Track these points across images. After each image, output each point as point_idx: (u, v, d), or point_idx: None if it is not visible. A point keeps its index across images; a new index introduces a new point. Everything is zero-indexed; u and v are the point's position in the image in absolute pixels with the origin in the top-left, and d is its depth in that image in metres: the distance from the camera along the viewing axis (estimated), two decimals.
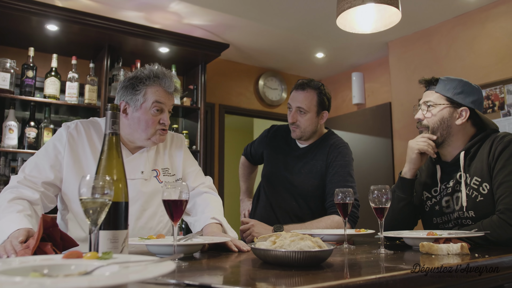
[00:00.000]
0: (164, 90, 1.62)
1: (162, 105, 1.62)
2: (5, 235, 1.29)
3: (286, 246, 1.07)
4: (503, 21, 3.30)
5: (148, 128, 1.61)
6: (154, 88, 1.60)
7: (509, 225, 1.49)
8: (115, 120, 1.03)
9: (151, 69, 1.64)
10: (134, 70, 1.71)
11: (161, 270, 0.62)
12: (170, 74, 1.65)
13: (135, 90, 1.60)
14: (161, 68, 1.67)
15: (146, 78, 1.61)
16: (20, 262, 0.75)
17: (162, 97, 1.61)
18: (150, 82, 1.60)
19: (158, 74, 1.62)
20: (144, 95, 1.59)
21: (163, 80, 1.62)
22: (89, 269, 0.70)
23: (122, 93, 1.64)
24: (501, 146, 1.63)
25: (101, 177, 0.91)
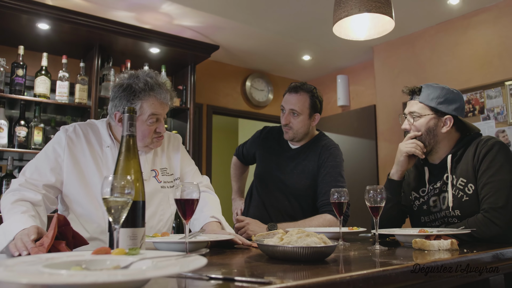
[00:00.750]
0: (159, 101, 1.62)
1: (158, 115, 1.63)
2: (11, 235, 1.32)
3: (293, 242, 1.13)
4: (484, 29, 3.46)
5: (145, 138, 1.64)
6: (149, 101, 1.59)
7: (493, 223, 1.59)
8: (132, 122, 1.07)
9: (146, 80, 1.61)
10: (127, 75, 1.67)
11: (196, 264, 0.67)
12: (164, 85, 1.64)
13: (130, 103, 1.59)
14: (155, 77, 1.64)
15: (141, 91, 1.59)
16: (53, 259, 0.79)
17: (158, 109, 1.61)
18: (144, 95, 1.59)
19: (153, 86, 1.60)
20: (140, 108, 1.59)
21: (158, 92, 1.61)
22: (124, 264, 0.75)
23: (116, 103, 1.62)
24: (485, 149, 1.74)
25: (123, 177, 0.96)
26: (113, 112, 1.65)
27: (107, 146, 1.69)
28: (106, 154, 1.68)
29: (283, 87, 5.49)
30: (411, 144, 1.87)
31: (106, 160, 1.68)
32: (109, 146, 1.69)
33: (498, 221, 1.59)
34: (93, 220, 1.62)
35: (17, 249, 1.22)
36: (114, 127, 1.72)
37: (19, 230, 1.32)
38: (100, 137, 1.72)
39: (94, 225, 1.62)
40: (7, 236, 1.34)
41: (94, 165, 1.66)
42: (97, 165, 1.66)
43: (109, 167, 1.67)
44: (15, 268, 0.66)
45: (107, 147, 1.69)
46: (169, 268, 0.64)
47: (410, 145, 1.87)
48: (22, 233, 1.29)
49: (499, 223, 1.59)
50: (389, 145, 4.11)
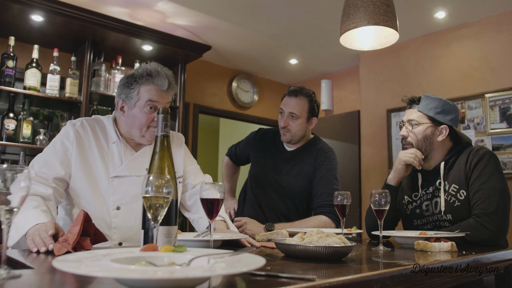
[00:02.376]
0: (157, 88, 1.63)
1: (156, 103, 1.63)
2: (24, 230, 1.32)
3: (314, 242, 1.20)
4: (466, 43, 3.64)
5: (142, 125, 1.65)
6: (147, 86, 1.62)
7: (484, 228, 1.71)
8: (166, 123, 1.11)
9: (146, 67, 1.65)
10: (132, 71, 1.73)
11: (258, 263, 0.71)
12: (164, 72, 1.66)
13: (129, 89, 1.64)
14: (155, 65, 1.67)
15: (139, 76, 1.63)
16: (110, 255, 0.82)
17: (155, 96, 1.62)
18: (143, 81, 1.62)
19: (151, 72, 1.63)
20: (137, 94, 1.62)
21: (156, 78, 1.63)
22: (182, 261, 0.79)
23: (119, 91, 1.68)
24: (476, 158, 1.87)
25: (163, 176, 0.99)
26: (116, 101, 1.70)
27: (113, 142, 1.71)
28: (112, 150, 1.70)
29: (267, 89, 5.57)
30: (411, 154, 1.97)
31: (112, 156, 1.69)
32: (115, 142, 1.71)
33: (489, 226, 1.71)
34: (98, 215, 1.63)
35: (35, 244, 1.22)
36: (119, 122, 1.74)
37: (32, 225, 1.32)
38: (106, 133, 1.73)
39: (98, 220, 1.62)
40: (19, 231, 1.33)
41: (100, 161, 1.67)
42: (103, 161, 1.68)
43: (115, 163, 1.69)
44: (88, 263, 0.69)
45: (113, 143, 1.71)
46: (237, 267, 0.68)
47: (409, 155, 1.97)
48: (39, 228, 1.28)
49: (490, 227, 1.71)
50: (372, 150, 4.25)
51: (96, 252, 0.83)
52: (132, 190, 1.69)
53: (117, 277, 0.57)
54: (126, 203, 1.67)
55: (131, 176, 1.69)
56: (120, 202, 1.67)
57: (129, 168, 1.70)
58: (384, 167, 4.11)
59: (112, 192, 1.66)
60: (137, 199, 1.70)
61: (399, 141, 4.01)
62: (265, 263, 0.74)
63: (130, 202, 1.68)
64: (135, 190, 1.69)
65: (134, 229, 1.69)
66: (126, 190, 1.68)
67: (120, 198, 1.67)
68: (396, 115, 4.04)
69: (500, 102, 3.32)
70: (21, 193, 0.86)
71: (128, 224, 1.67)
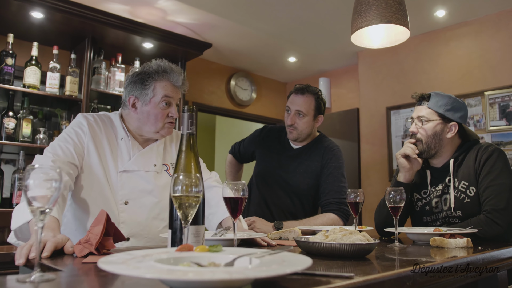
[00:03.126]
0: (172, 84, 1.66)
1: (171, 99, 1.66)
2: (30, 216, 1.28)
3: (338, 240, 1.20)
4: (465, 41, 3.68)
5: (158, 121, 1.66)
6: (162, 82, 1.64)
7: (495, 224, 1.73)
8: (192, 121, 1.10)
9: (159, 64, 1.67)
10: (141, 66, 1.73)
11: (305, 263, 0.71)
12: (177, 69, 1.70)
13: (144, 85, 1.64)
14: (168, 62, 1.70)
15: (154, 73, 1.64)
16: (151, 256, 0.81)
17: (170, 91, 1.65)
18: (158, 77, 1.64)
19: (166, 68, 1.66)
20: (153, 90, 1.63)
21: (171, 74, 1.66)
22: (224, 261, 0.78)
23: (131, 88, 1.67)
24: (485, 155, 1.89)
25: (194, 175, 0.98)
26: (127, 98, 1.68)
27: (121, 138, 1.71)
28: (121, 147, 1.70)
29: (265, 87, 5.56)
30: (405, 146, 2.01)
31: (121, 151, 1.70)
32: (123, 138, 1.71)
33: (500, 222, 1.73)
34: (106, 209, 1.59)
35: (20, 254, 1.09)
36: (127, 118, 1.73)
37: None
38: (115, 129, 1.73)
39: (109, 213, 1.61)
40: (25, 216, 1.30)
41: (110, 155, 1.67)
42: (113, 155, 1.68)
43: (124, 158, 1.69)
44: (134, 264, 0.68)
45: (121, 139, 1.71)
46: (289, 266, 0.67)
47: (403, 148, 2.01)
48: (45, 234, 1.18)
49: (501, 223, 1.73)
50: (372, 147, 4.28)
51: (133, 253, 0.82)
52: (140, 185, 1.69)
53: (175, 279, 0.56)
54: (134, 198, 1.67)
55: (139, 171, 1.70)
56: (128, 197, 1.66)
57: (138, 163, 1.69)
58: (384, 164, 4.14)
59: (121, 187, 1.66)
60: (145, 194, 1.70)
61: (399, 139, 4.04)
62: (312, 263, 0.74)
63: (138, 197, 1.68)
64: (143, 185, 1.69)
65: (142, 224, 1.68)
66: (134, 185, 1.68)
67: (128, 193, 1.66)
68: (395, 113, 4.07)
69: (499, 99, 3.36)
70: (54, 194, 0.84)
71: (136, 219, 1.66)
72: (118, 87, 3.49)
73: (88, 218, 1.62)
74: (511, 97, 3.30)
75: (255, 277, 0.58)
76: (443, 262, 1.10)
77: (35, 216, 0.82)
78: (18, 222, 1.32)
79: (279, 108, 5.71)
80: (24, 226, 1.32)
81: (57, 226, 1.31)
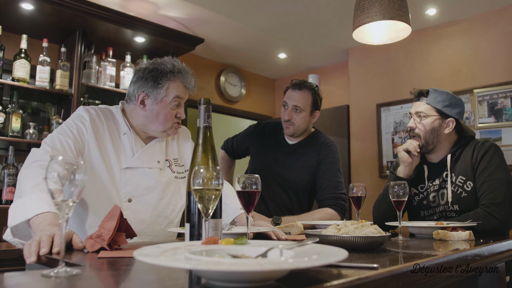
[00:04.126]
0: (184, 85, 1.65)
1: (181, 100, 1.66)
2: (30, 214, 1.24)
3: (351, 233, 1.21)
4: (455, 39, 3.75)
5: (167, 121, 1.65)
6: (176, 83, 1.63)
7: (493, 217, 1.78)
8: (209, 114, 1.09)
9: (174, 63, 1.66)
10: (148, 61, 1.70)
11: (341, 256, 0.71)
12: (190, 70, 1.69)
13: (157, 83, 1.61)
14: (181, 63, 1.70)
15: (169, 72, 1.63)
16: (179, 248, 0.80)
17: (182, 93, 1.65)
18: (173, 77, 1.63)
19: (181, 69, 1.65)
20: (166, 89, 1.61)
21: (185, 76, 1.65)
22: (255, 253, 0.78)
23: (141, 84, 1.64)
24: (482, 150, 1.93)
25: (214, 168, 0.98)
26: (136, 94, 1.65)
27: (123, 133, 1.68)
28: (124, 142, 1.67)
29: (254, 83, 5.56)
30: (408, 142, 2.05)
31: (124, 147, 1.67)
32: (126, 133, 1.68)
33: (498, 215, 1.78)
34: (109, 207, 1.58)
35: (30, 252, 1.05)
36: (131, 114, 1.70)
37: (41, 212, 1.23)
38: (118, 123, 1.69)
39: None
40: (24, 213, 1.25)
41: (113, 151, 1.64)
42: (116, 151, 1.65)
43: (127, 154, 1.66)
44: (170, 256, 0.68)
45: (124, 134, 1.68)
46: (329, 257, 0.67)
47: (406, 144, 2.05)
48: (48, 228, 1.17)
49: (498, 216, 1.78)
50: (362, 144, 4.33)
51: (162, 246, 0.81)
52: (144, 182, 1.66)
53: (224, 270, 0.56)
54: (138, 195, 1.65)
55: (143, 168, 1.67)
56: (132, 194, 1.64)
57: (141, 160, 1.67)
58: (374, 160, 4.19)
59: (124, 184, 1.63)
60: (149, 192, 1.67)
61: (389, 135, 4.10)
62: (347, 257, 0.74)
63: (142, 195, 1.66)
64: (147, 183, 1.67)
65: (146, 222, 1.66)
66: (138, 182, 1.65)
67: (132, 190, 1.64)
68: (385, 110, 4.12)
69: (488, 97, 3.45)
70: (77, 187, 0.82)
71: (140, 217, 1.64)
72: (109, 82, 3.44)
73: (89, 216, 1.59)
74: (499, 94, 3.39)
75: (305, 267, 0.59)
76: (457, 253, 1.13)
77: (60, 210, 0.80)
78: (16, 219, 1.27)
79: (268, 105, 5.72)
80: (21, 223, 1.28)
81: None
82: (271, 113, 5.73)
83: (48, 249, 1.06)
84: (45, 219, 1.23)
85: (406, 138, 3.96)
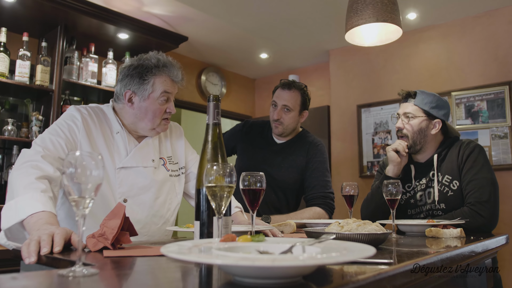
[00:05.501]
0: (171, 79, 1.62)
1: (169, 94, 1.62)
2: (24, 215, 1.19)
3: (354, 230, 1.24)
4: (434, 43, 3.87)
5: (155, 117, 1.62)
6: (162, 77, 1.60)
7: (479, 215, 1.85)
8: (218, 110, 1.09)
9: (158, 57, 1.63)
10: (134, 58, 1.67)
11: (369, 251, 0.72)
12: (176, 63, 1.66)
13: (142, 80, 1.58)
14: (166, 56, 1.66)
15: (154, 67, 1.59)
16: (197, 246, 0.79)
17: (169, 87, 1.61)
18: (158, 72, 1.59)
19: (166, 63, 1.62)
20: (152, 85, 1.58)
21: (171, 69, 1.62)
22: (279, 250, 0.78)
23: (127, 81, 1.61)
24: (468, 150, 2.01)
25: (227, 165, 0.98)
26: (123, 92, 1.61)
27: (116, 132, 1.65)
28: (117, 141, 1.64)
29: (235, 82, 5.55)
30: (397, 142, 2.11)
31: (117, 146, 1.64)
32: (119, 132, 1.65)
33: (484, 213, 1.85)
34: (104, 207, 1.55)
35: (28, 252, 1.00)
36: (121, 113, 1.67)
37: (36, 211, 1.19)
38: (110, 122, 1.66)
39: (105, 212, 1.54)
40: (19, 214, 1.21)
41: (107, 150, 1.61)
42: (110, 151, 1.62)
43: (121, 153, 1.63)
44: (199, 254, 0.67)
45: (116, 133, 1.65)
46: (360, 253, 0.68)
47: (395, 144, 2.11)
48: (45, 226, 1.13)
49: (484, 215, 1.85)
50: (342, 144, 4.39)
51: (181, 244, 0.80)
52: (139, 182, 1.63)
53: (268, 266, 0.56)
54: (133, 195, 1.62)
55: (138, 167, 1.64)
56: (127, 194, 1.61)
57: (136, 159, 1.64)
58: (355, 161, 4.26)
59: (119, 184, 1.60)
60: (144, 191, 1.65)
61: (370, 136, 4.18)
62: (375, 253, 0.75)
63: (137, 195, 1.63)
64: (142, 182, 1.64)
65: (142, 223, 1.63)
66: (133, 182, 1.62)
67: (127, 191, 1.61)
68: (366, 111, 4.20)
69: (465, 100, 3.57)
70: (96, 182, 0.80)
71: (136, 217, 1.61)
72: (90, 78, 3.35)
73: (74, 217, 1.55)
74: (476, 97, 3.52)
75: (343, 261, 0.60)
76: (457, 249, 1.17)
77: (78, 208, 0.78)
78: (10, 221, 1.23)
79: (247, 104, 5.72)
80: (14, 226, 1.24)
81: (56, 221, 1.24)
82: (251, 113, 5.74)
83: (49, 249, 1.03)
84: (40, 218, 1.20)
85: (385, 139, 4.05)
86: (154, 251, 1.07)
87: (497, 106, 3.36)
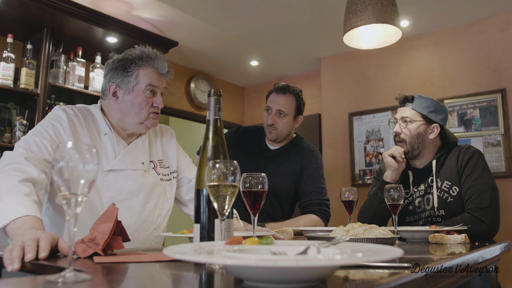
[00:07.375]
0: (157, 72, 1.55)
1: (155, 87, 1.55)
2: (7, 219, 1.11)
3: (360, 235, 1.17)
4: (425, 51, 3.88)
5: (142, 111, 1.54)
6: (146, 69, 1.53)
7: (481, 221, 1.81)
8: (219, 106, 1.02)
9: (142, 49, 1.56)
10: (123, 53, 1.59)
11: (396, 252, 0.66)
12: (162, 56, 1.59)
13: (126, 72, 1.52)
14: (151, 49, 1.59)
15: (138, 58, 1.53)
16: (201, 248, 0.72)
17: (155, 80, 1.54)
18: (142, 63, 1.53)
19: (151, 54, 1.55)
20: (136, 77, 1.52)
21: (156, 61, 1.55)
22: (292, 252, 0.71)
23: (111, 75, 1.55)
24: (467, 156, 1.97)
25: (231, 162, 0.91)
26: (107, 86, 1.55)
27: (104, 133, 1.57)
28: (105, 143, 1.56)
29: (224, 90, 5.49)
30: (393, 148, 2.07)
31: (105, 148, 1.56)
32: (107, 133, 1.57)
33: (485, 219, 1.81)
34: (91, 212, 1.46)
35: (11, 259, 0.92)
36: (108, 110, 1.60)
37: (19, 216, 1.12)
38: (97, 123, 1.58)
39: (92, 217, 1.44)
40: (1, 220, 1.13)
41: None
42: (97, 153, 1.52)
43: (109, 155, 1.55)
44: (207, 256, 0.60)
45: (104, 135, 1.57)
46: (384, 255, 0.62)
47: (392, 149, 2.07)
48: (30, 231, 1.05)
49: (486, 220, 1.80)
50: (334, 152, 4.35)
51: (185, 246, 0.72)
52: (128, 185, 1.55)
53: (284, 266, 0.49)
54: (121, 199, 1.53)
55: (126, 170, 1.56)
56: (115, 198, 1.52)
57: (125, 161, 1.56)
58: (346, 169, 4.22)
59: (107, 188, 1.51)
60: (133, 196, 1.56)
61: (361, 144, 4.15)
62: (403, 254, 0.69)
63: (126, 199, 1.55)
64: (131, 186, 1.56)
65: (131, 228, 1.54)
66: (122, 186, 1.54)
67: (115, 195, 1.52)
68: (358, 119, 4.18)
69: (458, 107, 3.57)
70: (89, 178, 0.72)
71: (125, 223, 1.51)
72: (77, 83, 3.25)
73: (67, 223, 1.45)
74: (468, 105, 3.52)
75: (374, 261, 0.53)
76: (467, 254, 1.11)
77: (69, 206, 0.70)
78: None
79: (237, 113, 5.67)
80: None
81: (42, 226, 1.15)
82: (240, 121, 5.68)
83: (34, 255, 0.94)
84: (24, 223, 1.11)
85: (377, 147, 4.02)
86: (150, 257, 0.99)
87: (489, 114, 3.37)
